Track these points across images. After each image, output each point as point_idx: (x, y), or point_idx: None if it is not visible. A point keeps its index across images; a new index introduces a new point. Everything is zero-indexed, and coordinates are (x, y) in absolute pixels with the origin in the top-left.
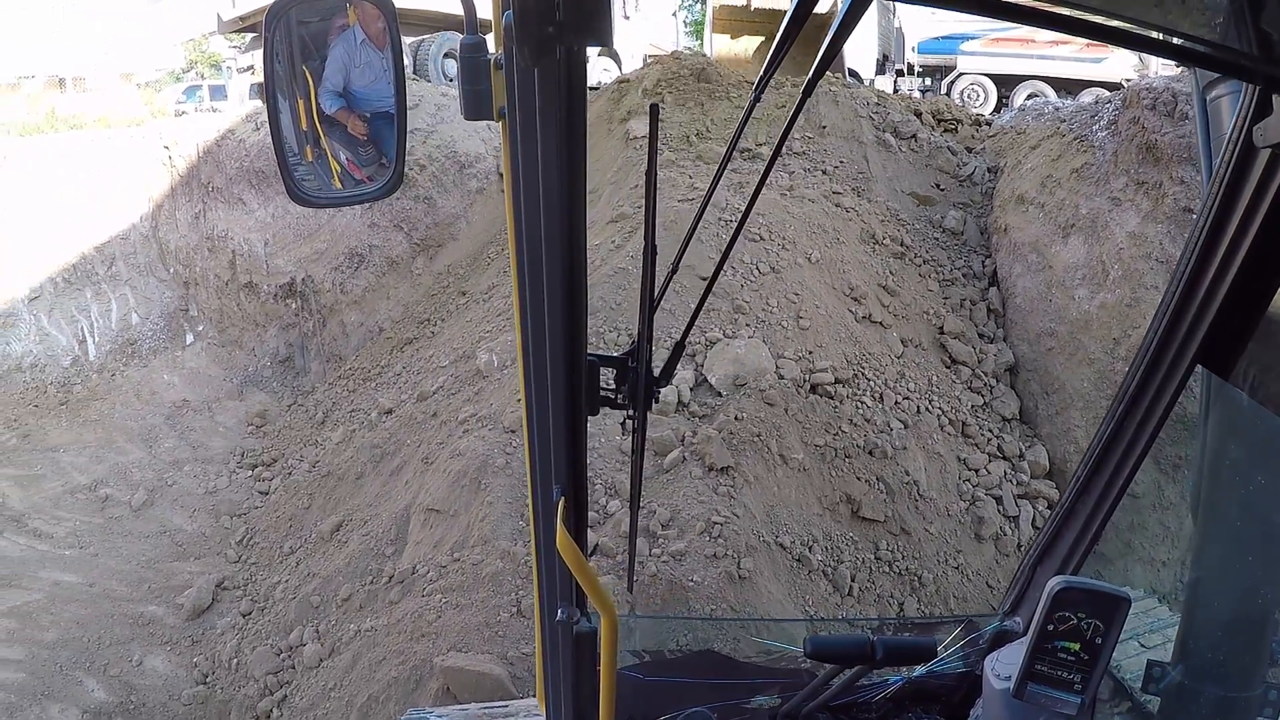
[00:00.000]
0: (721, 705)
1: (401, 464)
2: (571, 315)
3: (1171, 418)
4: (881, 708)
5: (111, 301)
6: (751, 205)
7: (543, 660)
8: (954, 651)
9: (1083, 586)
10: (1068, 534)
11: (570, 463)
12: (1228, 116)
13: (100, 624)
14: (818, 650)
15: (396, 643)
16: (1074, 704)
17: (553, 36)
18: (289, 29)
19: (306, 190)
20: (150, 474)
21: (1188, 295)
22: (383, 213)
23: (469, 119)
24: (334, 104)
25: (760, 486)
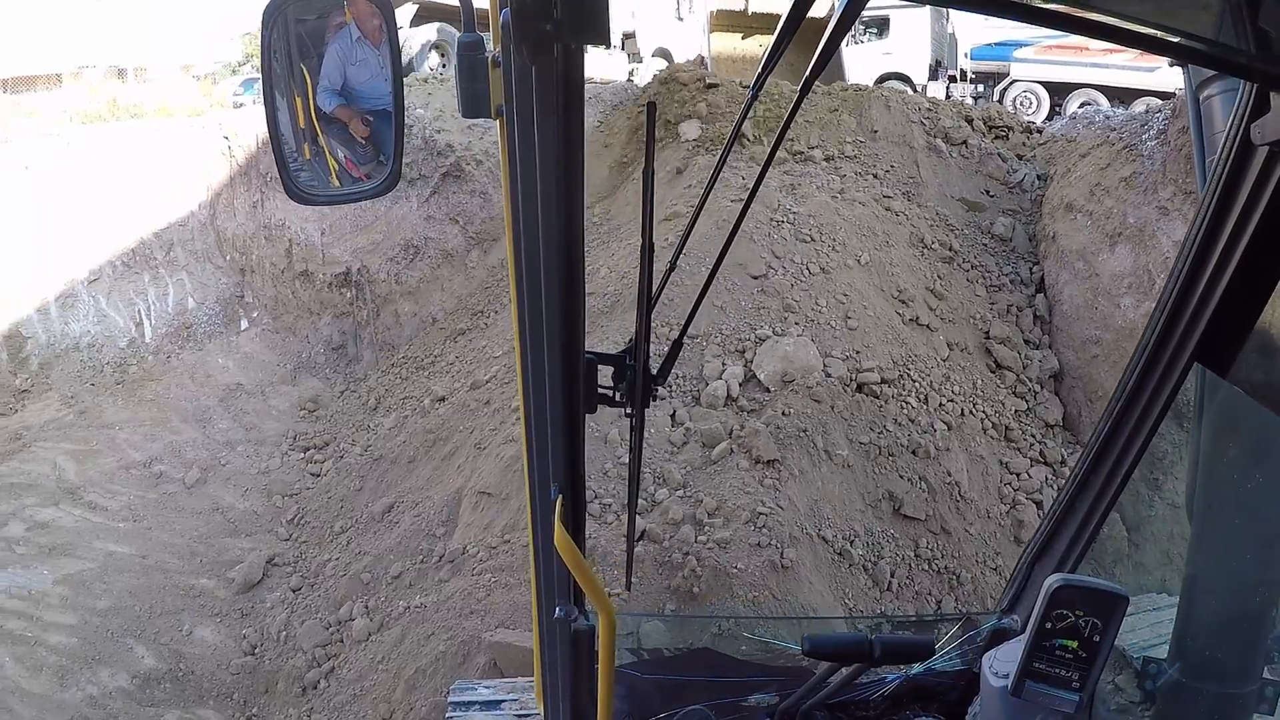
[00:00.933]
0: (719, 703)
1: (454, 449)
2: (569, 313)
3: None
4: (879, 706)
5: (169, 286)
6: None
7: (541, 658)
8: (952, 650)
9: (1080, 584)
10: (1065, 532)
11: (568, 461)
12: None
13: (152, 594)
14: (816, 649)
15: (445, 619)
16: (1072, 702)
17: (550, 35)
18: (286, 27)
19: (304, 188)
20: (204, 453)
21: (1185, 293)
22: (439, 206)
23: (466, 117)
24: (333, 102)
25: (805, 480)
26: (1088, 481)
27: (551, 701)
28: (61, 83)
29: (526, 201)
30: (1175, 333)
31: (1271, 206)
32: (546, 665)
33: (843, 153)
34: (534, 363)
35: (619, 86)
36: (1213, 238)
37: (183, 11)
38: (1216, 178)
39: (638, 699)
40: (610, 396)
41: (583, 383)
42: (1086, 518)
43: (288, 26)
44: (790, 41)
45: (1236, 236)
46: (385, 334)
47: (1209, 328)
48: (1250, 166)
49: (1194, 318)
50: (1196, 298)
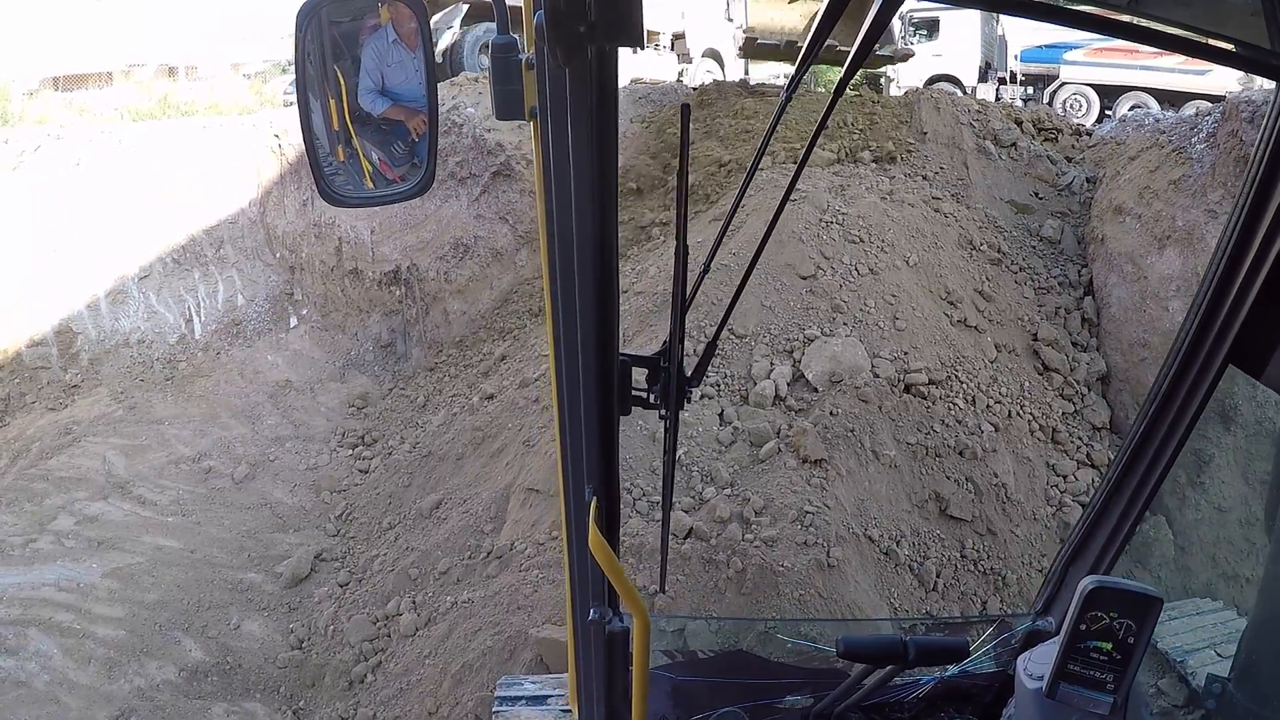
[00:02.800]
0: (753, 705)
1: (502, 446)
2: (603, 315)
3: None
4: (914, 707)
5: (218, 283)
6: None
7: (575, 659)
8: (986, 651)
9: (1115, 586)
10: (1100, 534)
11: (603, 463)
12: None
13: (200, 588)
14: (850, 650)
15: (492, 614)
16: (1106, 704)
17: (584, 36)
18: (320, 28)
19: (338, 189)
20: (253, 449)
21: (1219, 295)
22: (489, 205)
23: (501, 119)
24: (382, 104)
25: (852, 480)
26: (1122, 483)
27: (586, 703)
28: (112, 80)
29: (560, 203)
30: (1209, 334)
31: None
32: (581, 666)
33: (892, 154)
34: (568, 365)
35: (669, 87)
36: (1247, 240)
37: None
38: (1251, 178)
39: (672, 700)
40: (644, 398)
41: (617, 385)
42: (1121, 519)
43: (321, 29)
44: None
45: (1271, 237)
46: (434, 332)
47: (1243, 330)
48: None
49: (1228, 319)
50: (1230, 300)
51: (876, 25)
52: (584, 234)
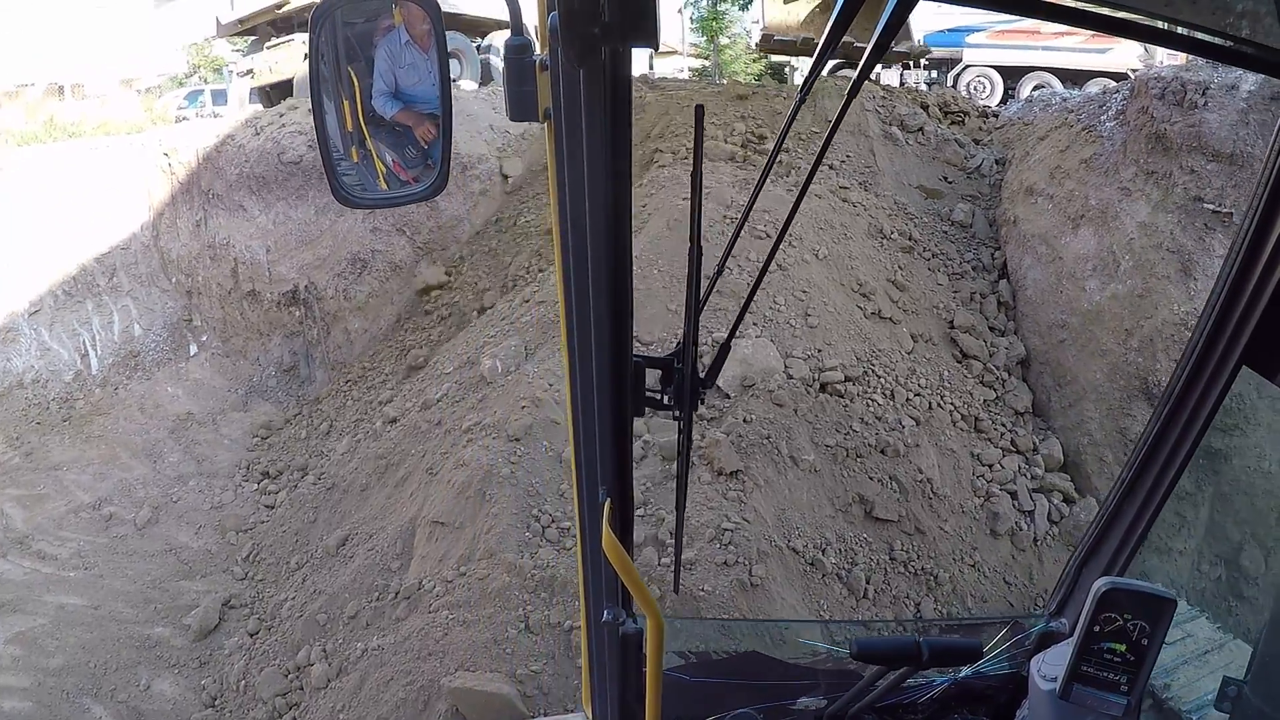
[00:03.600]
0: (767, 706)
1: (406, 475)
2: (617, 316)
3: None
4: (928, 709)
5: (113, 313)
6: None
7: (589, 662)
8: (1000, 653)
9: (1128, 588)
10: (1113, 535)
11: (616, 464)
12: None
13: (107, 648)
14: (863, 651)
15: (404, 662)
16: (1120, 705)
17: (598, 37)
18: (334, 29)
19: (351, 191)
20: (155, 490)
21: (1233, 295)
22: (385, 217)
23: (514, 120)
24: (393, 106)
25: (770, 490)
26: (1136, 484)
27: (600, 705)
28: None
29: (574, 205)
30: (1223, 335)
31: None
32: (595, 668)
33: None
34: (582, 366)
35: None
36: (1261, 240)
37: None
38: (1265, 179)
39: (685, 702)
40: (658, 399)
41: (631, 386)
42: (1135, 520)
43: (335, 29)
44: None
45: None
46: (336, 353)
47: (1257, 330)
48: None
49: (1242, 320)
50: (1244, 300)
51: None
52: (598, 235)
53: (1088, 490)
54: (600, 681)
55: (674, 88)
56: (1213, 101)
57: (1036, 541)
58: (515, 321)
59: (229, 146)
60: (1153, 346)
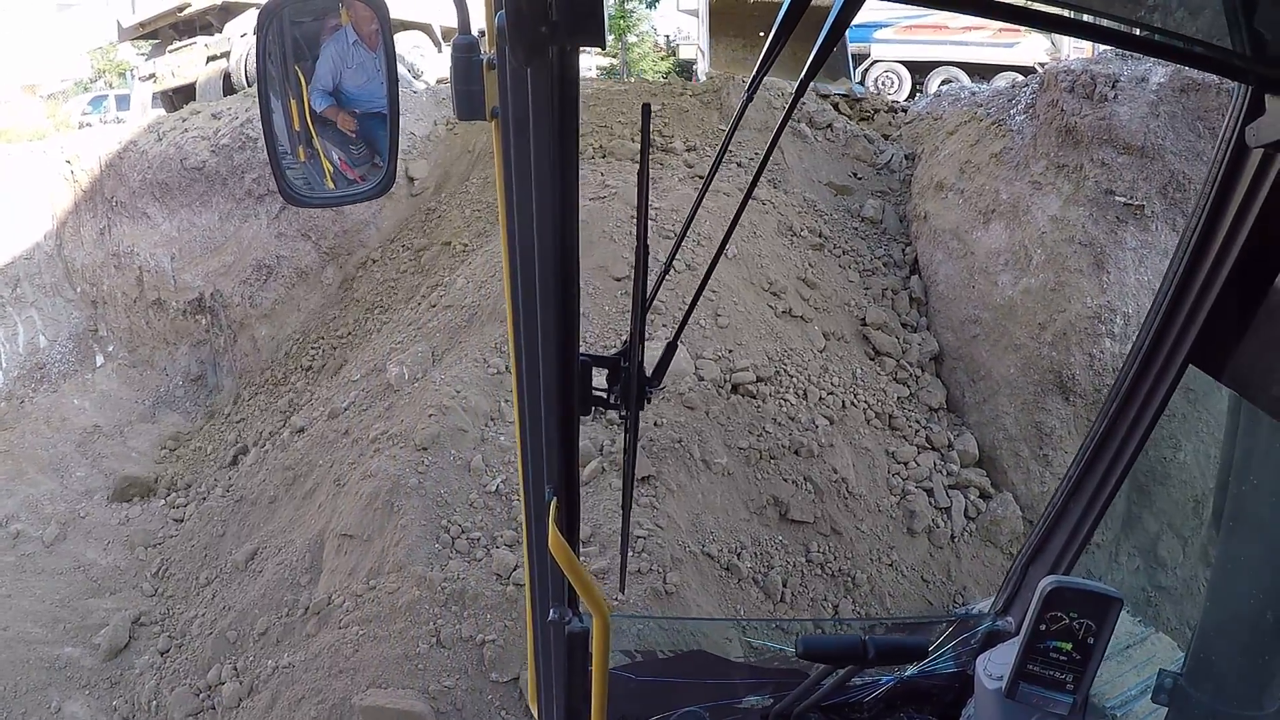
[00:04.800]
0: (713, 705)
1: (314, 486)
2: (565, 315)
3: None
4: (873, 708)
5: (18, 325)
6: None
7: (534, 661)
8: (946, 651)
9: (1075, 586)
10: (1059, 534)
11: (563, 463)
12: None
13: (15, 670)
14: (809, 650)
15: (315, 679)
16: (1066, 704)
17: (545, 37)
18: (281, 28)
19: (299, 190)
20: (62, 506)
21: (1180, 295)
22: (289, 222)
23: (461, 119)
24: (323, 102)
25: (683, 495)
26: (1082, 483)
27: (545, 704)
28: None
29: (521, 204)
30: (1170, 334)
31: (1266, 209)
32: (541, 668)
33: (707, 144)
34: (528, 365)
35: None
36: (1207, 240)
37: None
38: (1211, 180)
39: (632, 701)
40: (604, 399)
41: (577, 385)
42: (1081, 519)
43: (283, 29)
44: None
45: (1231, 239)
46: (244, 360)
47: (1203, 330)
48: (1245, 169)
49: (1188, 320)
50: (1191, 300)
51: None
52: (545, 234)
53: (1004, 485)
54: (546, 681)
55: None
56: (1123, 94)
57: (954, 538)
58: (423, 327)
59: (131, 153)
60: (1066, 340)
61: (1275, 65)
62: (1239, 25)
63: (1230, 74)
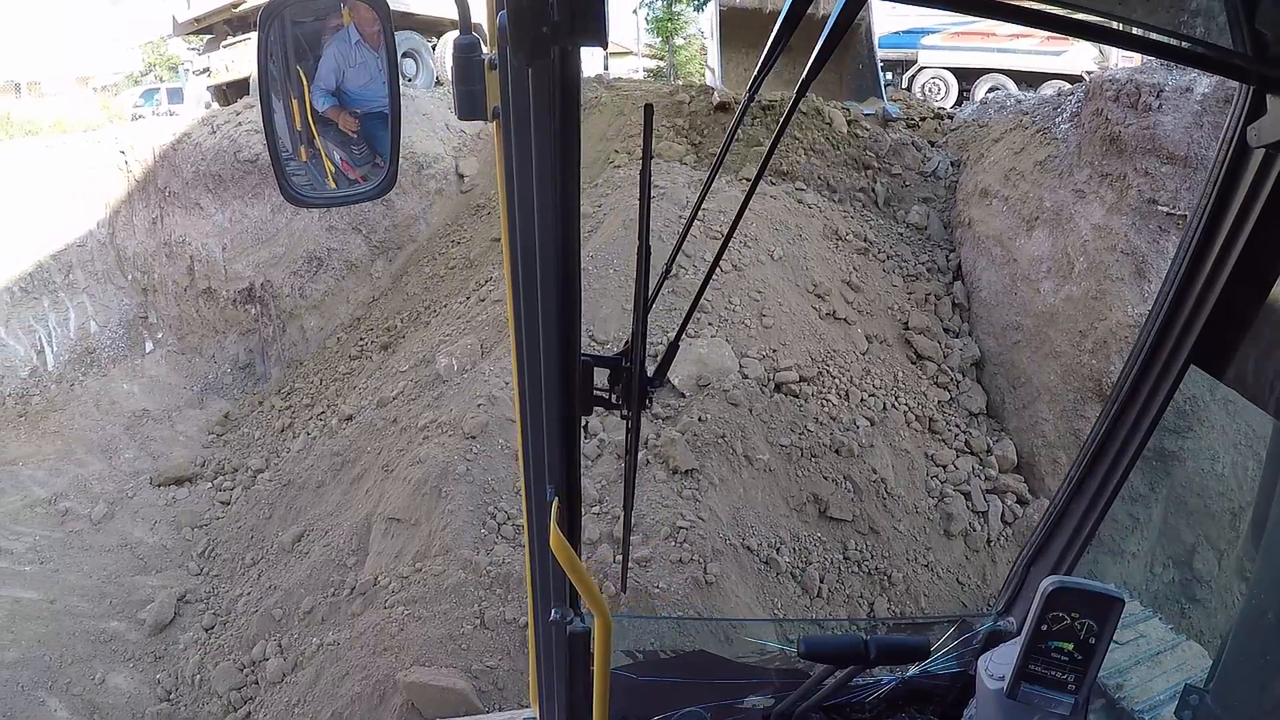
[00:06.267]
0: (715, 705)
1: (362, 472)
2: (566, 315)
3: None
4: (875, 708)
5: (69, 310)
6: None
7: (536, 661)
8: (947, 651)
9: (1076, 586)
10: (1061, 534)
11: (564, 463)
12: None
13: (62, 642)
14: (811, 650)
15: (359, 657)
16: (1067, 704)
17: (547, 36)
18: (283, 28)
19: (300, 190)
20: (110, 486)
21: (1181, 295)
22: (341, 215)
23: (463, 119)
24: (325, 102)
25: (725, 489)
26: (1084, 483)
27: (547, 704)
28: None
29: (523, 204)
30: (1171, 335)
31: (1267, 209)
32: (542, 668)
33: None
34: (530, 365)
35: None
36: (1209, 240)
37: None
38: (1212, 180)
39: (634, 701)
40: (606, 399)
41: (579, 385)
42: (1083, 520)
43: (285, 28)
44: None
45: (1232, 239)
46: (292, 350)
47: (1205, 330)
48: (1246, 169)
49: (1190, 320)
50: (1192, 300)
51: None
52: (546, 234)
53: (1041, 491)
54: (548, 681)
55: (630, 88)
56: (1167, 104)
57: (990, 542)
58: (471, 320)
59: (185, 145)
60: (1106, 348)
61: (1276, 65)
62: (1240, 25)
63: (1231, 74)
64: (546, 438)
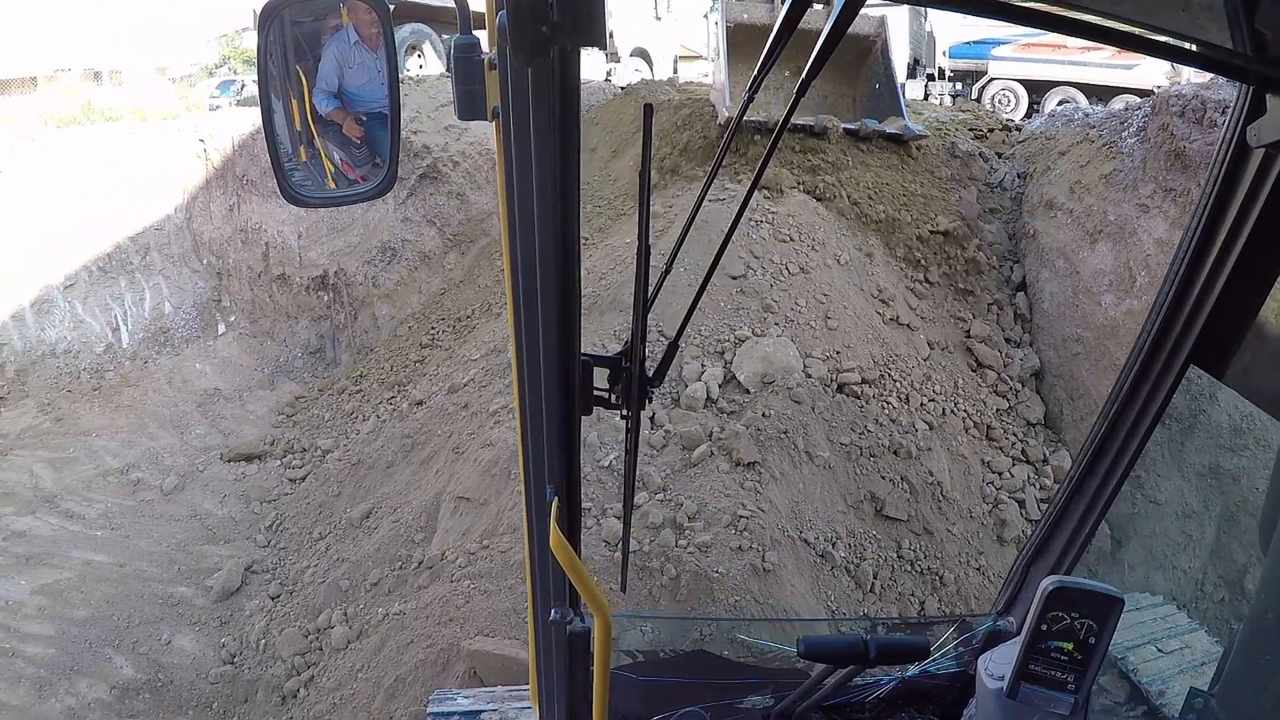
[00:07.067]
0: (715, 705)
1: (432, 454)
2: (565, 315)
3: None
4: (875, 708)
5: (145, 291)
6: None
7: (536, 660)
8: (947, 651)
9: (1076, 586)
10: (1061, 534)
11: (564, 463)
12: None
13: (130, 603)
14: (811, 650)
15: (424, 626)
16: (1067, 704)
17: (547, 37)
18: (283, 29)
19: (300, 190)
20: (181, 459)
21: (1181, 295)
22: (416, 208)
23: (462, 119)
24: (329, 104)
25: (786, 482)
26: (1083, 483)
27: (547, 703)
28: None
29: (523, 203)
30: (1171, 334)
31: (1267, 208)
32: (542, 667)
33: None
34: (530, 365)
35: (596, 86)
36: (1209, 240)
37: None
38: (1212, 180)
39: (633, 701)
40: (606, 399)
41: (579, 385)
42: (1082, 520)
43: (284, 28)
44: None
45: (1232, 238)
46: (363, 337)
47: (1205, 329)
48: (1246, 168)
49: (1190, 319)
50: (1192, 300)
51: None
52: (546, 234)
53: (1109, 508)
54: (548, 680)
55: (701, 92)
56: None
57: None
58: None
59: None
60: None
61: (1276, 65)
62: (1240, 25)
63: (1231, 74)
64: (546, 438)
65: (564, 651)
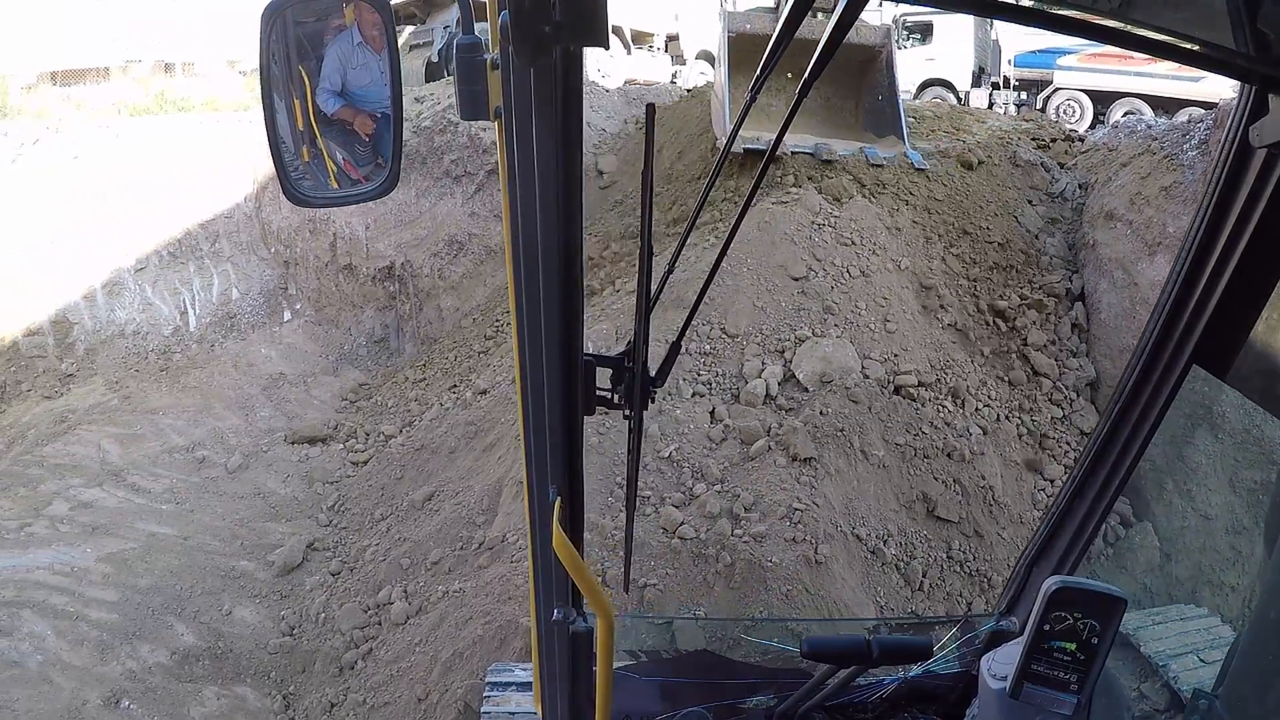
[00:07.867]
0: (717, 705)
1: (495, 440)
2: (568, 315)
3: None
4: (878, 707)
5: (213, 276)
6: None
7: (539, 660)
8: (950, 651)
9: (1079, 586)
10: (1064, 534)
11: (567, 463)
12: None
13: (193, 574)
14: (814, 650)
15: (484, 604)
16: (1070, 704)
17: (549, 37)
18: (285, 28)
19: (303, 190)
20: (246, 440)
21: (1184, 295)
22: (483, 203)
23: (465, 119)
24: (336, 104)
25: (840, 479)
26: (1086, 484)
27: (550, 703)
28: (109, 76)
29: (525, 203)
30: (1174, 335)
31: (1270, 208)
32: (545, 667)
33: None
34: (533, 365)
35: (662, 88)
36: (1211, 240)
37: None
38: (1215, 180)
39: (636, 700)
40: (609, 399)
41: (581, 385)
42: (1085, 520)
43: (286, 29)
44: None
45: (1235, 238)
46: (427, 328)
47: (1207, 330)
48: (1249, 169)
49: (1192, 320)
50: (1195, 300)
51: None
52: (548, 234)
53: (1145, 515)
54: (551, 680)
55: None
56: None
57: (1090, 560)
58: (606, 309)
59: None
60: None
61: (1278, 65)
62: (1242, 25)
63: (1234, 74)
64: (549, 437)
65: (567, 651)
